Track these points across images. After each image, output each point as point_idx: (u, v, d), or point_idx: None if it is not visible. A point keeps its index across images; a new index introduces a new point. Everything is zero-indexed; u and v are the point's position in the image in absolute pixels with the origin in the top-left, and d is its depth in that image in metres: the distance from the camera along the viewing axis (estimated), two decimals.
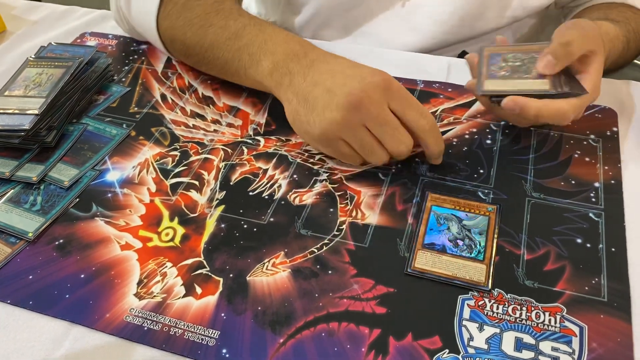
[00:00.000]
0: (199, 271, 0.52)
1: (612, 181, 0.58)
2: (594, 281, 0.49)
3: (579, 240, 0.53)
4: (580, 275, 0.50)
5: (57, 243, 0.54)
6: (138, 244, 0.54)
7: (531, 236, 0.53)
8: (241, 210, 0.57)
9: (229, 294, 0.50)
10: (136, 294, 0.50)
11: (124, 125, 0.67)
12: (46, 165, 0.61)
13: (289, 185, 0.59)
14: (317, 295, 0.49)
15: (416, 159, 0.61)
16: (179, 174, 0.61)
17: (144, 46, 0.79)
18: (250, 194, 0.59)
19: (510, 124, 0.64)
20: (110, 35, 0.82)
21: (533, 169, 0.60)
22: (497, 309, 0.48)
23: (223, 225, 0.55)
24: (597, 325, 0.46)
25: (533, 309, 0.48)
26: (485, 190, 0.58)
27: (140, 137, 0.65)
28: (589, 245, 0.52)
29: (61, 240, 0.55)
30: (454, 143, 0.63)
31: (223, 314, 0.48)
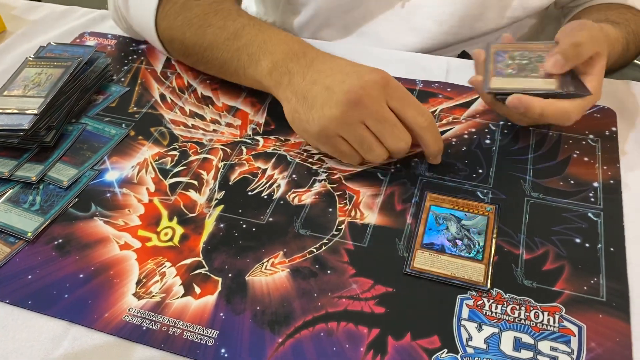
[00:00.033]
0: (198, 271, 0.52)
1: (611, 181, 0.58)
2: (592, 281, 0.50)
3: (578, 240, 0.53)
4: (579, 275, 0.50)
5: (56, 243, 0.54)
6: (137, 244, 0.54)
7: (530, 236, 0.53)
8: (240, 210, 0.57)
9: (227, 293, 0.50)
10: (135, 294, 0.50)
11: (123, 125, 0.67)
12: (45, 165, 0.61)
13: (288, 185, 0.59)
14: (316, 295, 0.49)
15: (415, 159, 0.61)
16: (178, 174, 0.61)
17: (143, 46, 0.79)
18: (249, 193, 0.59)
19: (510, 123, 0.64)
20: (109, 35, 0.82)
21: (532, 168, 0.60)
22: (496, 308, 0.48)
23: (222, 225, 0.55)
24: (596, 325, 0.47)
25: (532, 308, 0.48)
26: (484, 190, 0.58)
27: (140, 137, 0.65)
28: (587, 245, 0.52)
29: (60, 240, 0.55)
30: (453, 143, 0.63)
31: (222, 314, 0.48)
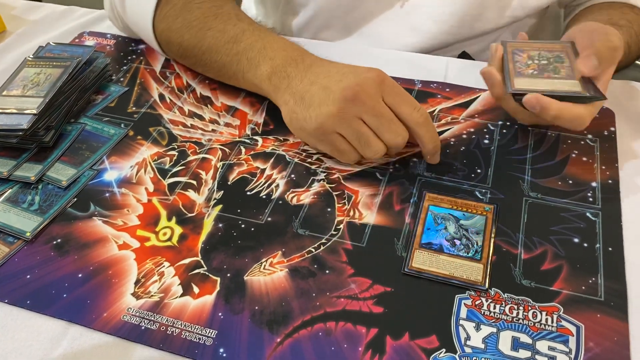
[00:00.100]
0: (197, 271, 0.52)
1: (610, 181, 0.58)
2: (590, 281, 0.50)
3: (576, 240, 0.53)
4: (577, 274, 0.50)
5: (55, 242, 0.54)
6: (136, 244, 0.54)
7: (528, 236, 0.53)
8: (239, 210, 0.57)
9: (226, 293, 0.50)
10: (134, 294, 0.50)
11: (122, 125, 0.67)
12: (44, 164, 0.61)
13: (287, 184, 0.59)
14: (315, 294, 0.49)
15: (414, 159, 0.61)
16: (176, 174, 0.61)
17: (142, 46, 0.79)
18: (248, 193, 0.59)
19: (509, 123, 0.64)
20: (108, 35, 0.82)
21: (530, 168, 0.60)
22: (494, 308, 0.48)
23: (221, 225, 0.55)
24: (594, 325, 0.47)
25: (530, 308, 0.48)
26: (483, 190, 0.58)
27: (138, 137, 0.66)
28: (586, 244, 0.52)
29: (59, 240, 0.55)
30: (452, 143, 0.63)
31: (220, 314, 0.48)
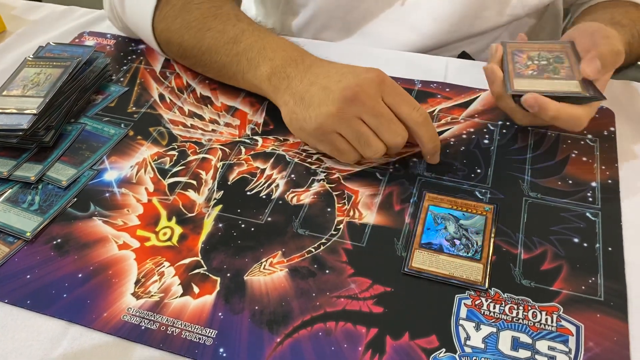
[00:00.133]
0: (197, 271, 0.52)
1: (609, 181, 0.58)
2: (590, 280, 0.50)
3: (576, 240, 0.53)
4: (577, 274, 0.50)
5: (55, 242, 0.54)
6: (136, 244, 0.54)
7: (528, 236, 0.53)
8: (239, 210, 0.57)
9: (226, 293, 0.50)
10: (134, 294, 0.50)
11: (122, 125, 0.67)
12: (44, 164, 0.61)
13: (287, 184, 0.59)
14: (315, 294, 0.49)
15: (414, 159, 0.61)
16: (176, 174, 0.61)
17: (142, 46, 0.79)
18: (248, 193, 0.59)
19: (508, 123, 0.64)
20: (108, 35, 0.82)
21: (530, 168, 0.60)
22: (494, 308, 0.48)
23: (221, 225, 0.55)
24: (594, 325, 0.47)
25: (530, 308, 0.48)
26: (483, 190, 0.58)
27: (138, 137, 0.66)
28: (585, 244, 0.52)
29: (59, 240, 0.55)
30: (452, 143, 0.63)
31: (220, 314, 0.48)
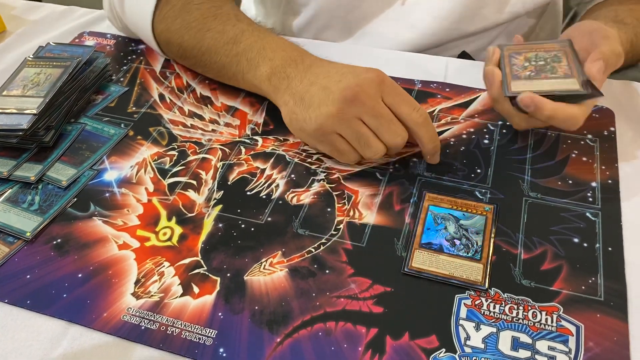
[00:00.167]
0: (197, 271, 0.52)
1: (609, 181, 0.58)
2: (590, 280, 0.50)
3: (576, 240, 0.53)
4: (577, 274, 0.50)
5: (55, 242, 0.54)
6: (136, 244, 0.54)
7: (528, 236, 0.53)
8: (239, 210, 0.57)
9: (226, 293, 0.50)
10: (133, 294, 0.50)
11: (122, 125, 0.67)
12: (44, 164, 0.61)
13: (287, 184, 0.59)
14: (315, 294, 0.49)
15: (414, 159, 0.61)
16: (176, 174, 0.61)
17: (142, 46, 0.79)
18: (248, 193, 0.59)
19: (509, 122, 0.64)
20: (108, 35, 0.82)
21: (530, 168, 0.60)
22: (494, 308, 0.48)
23: (221, 225, 0.55)
24: (594, 325, 0.47)
25: (530, 308, 0.48)
26: (483, 190, 0.58)
27: (138, 137, 0.66)
28: (585, 244, 0.52)
29: (59, 240, 0.55)
30: (452, 143, 0.63)
31: (220, 314, 0.48)
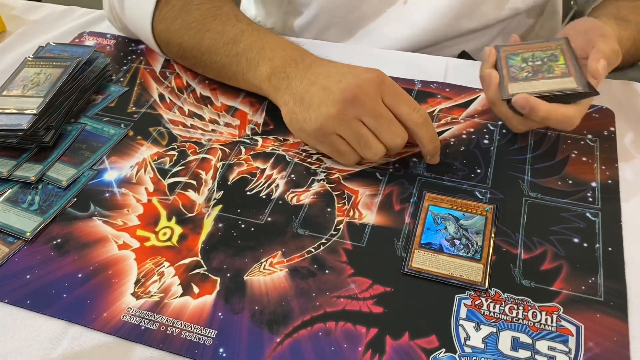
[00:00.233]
0: (197, 271, 0.52)
1: (609, 181, 0.58)
2: (590, 281, 0.50)
3: (576, 240, 0.53)
4: (577, 274, 0.50)
5: (55, 242, 0.54)
6: (135, 244, 0.54)
7: (528, 236, 0.53)
8: (239, 210, 0.57)
9: (226, 293, 0.50)
10: (133, 294, 0.50)
11: (122, 125, 0.67)
12: (44, 164, 0.61)
13: (287, 184, 0.59)
14: (314, 294, 0.49)
15: (413, 159, 0.61)
16: (176, 174, 0.61)
17: (142, 46, 0.79)
18: (248, 193, 0.59)
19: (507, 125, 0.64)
20: (108, 35, 0.82)
21: (530, 168, 0.60)
22: (494, 308, 0.48)
23: (220, 225, 0.55)
24: (594, 325, 0.47)
25: (530, 308, 0.48)
26: (483, 190, 0.58)
27: (138, 137, 0.66)
28: (585, 244, 0.52)
29: (59, 240, 0.55)
30: (451, 143, 0.63)
31: (220, 314, 0.48)
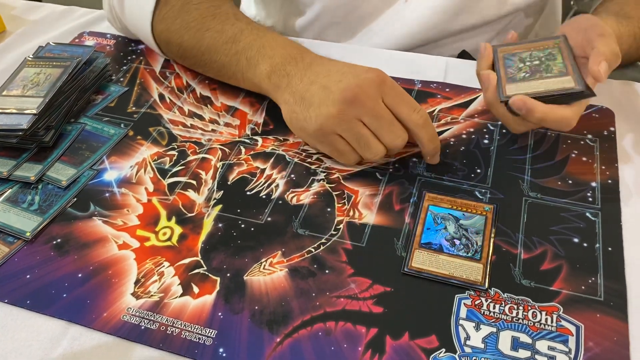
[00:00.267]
0: (196, 270, 0.52)
1: (609, 181, 0.58)
2: (590, 280, 0.50)
3: (576, 240, 0.53)
4: (576, 274, 0.50)
5: (55, 242, 0.54)
6: (135, 244, 0.54)
7: (528, 235, 0.53)
8: (239, 210, 0.57)
9: (226, 293, 0.50)
10: (133, 294, 0.50)
11: (122, 125, 0.67)
12: (44, 164, 0.61)
13: (287, 184, 0.59)
14: (314, 294, 0.49)
15: (413, 159, 0.61)
16: (176, 174, 0.61)
17: (142, 46, 0.79)
18: (248, 193, 0.59)
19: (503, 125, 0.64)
20: (108, 35, 0.82)
21: (530, 168, 0.60)
22: (494, 308, 0.48)
23: (220, 225, 0.55)
24: (594, 325, 0.47)
25: (530, 308, 0.48)
26: (482, 190, 0.58)
27: (138, 137, 0.66)
28: (585, 244, 0.52)
29: (59, 240, 0.55)
30: (451, 143, 0.63)
31: (220, 314, 0.48)
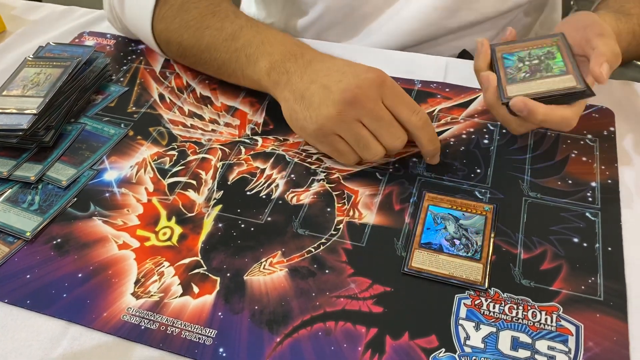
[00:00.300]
0: (196, 270, 0.52)
1: (609, 181, 0.58)
2: (590, 280, 0.50)
3: (576, 240, 0.53)
4: (576, 274, 0.50)
5: (55, 242, 0.54)
6: (135, 244, 0.54)
7: (528, 235, 0.53)
8: (239, 210, 0.57)
9: (226, 293, 0.50)
10: (133, 293, 0.50)
11: (122, 125, 0.67)
12: (44, 164, 0.61)
13: (287, 184, 0.59)
14: (314, 294, 0.49)
15: (413, 159, 0.61)
16: (176, 174, 0.61)
17: (142, 46, 0.79)
18: (248, 193, 0.59)
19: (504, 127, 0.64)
20: (108, 35, 0.82)
21: (530, 168, 0.60)
22: (494, 308, 0.48)
23: (220, 225, 0.56)
24: (593, 325, 0.47)
25: (529, 308, 0.48)
26: (482, 190, 0.58)
27: (138, 137, 0.66)
28: (585, 244, 0.52)
29: (59, 240, 0.55)
30: (451, 143, 0.63)
31: (220, 313, 0.48)
